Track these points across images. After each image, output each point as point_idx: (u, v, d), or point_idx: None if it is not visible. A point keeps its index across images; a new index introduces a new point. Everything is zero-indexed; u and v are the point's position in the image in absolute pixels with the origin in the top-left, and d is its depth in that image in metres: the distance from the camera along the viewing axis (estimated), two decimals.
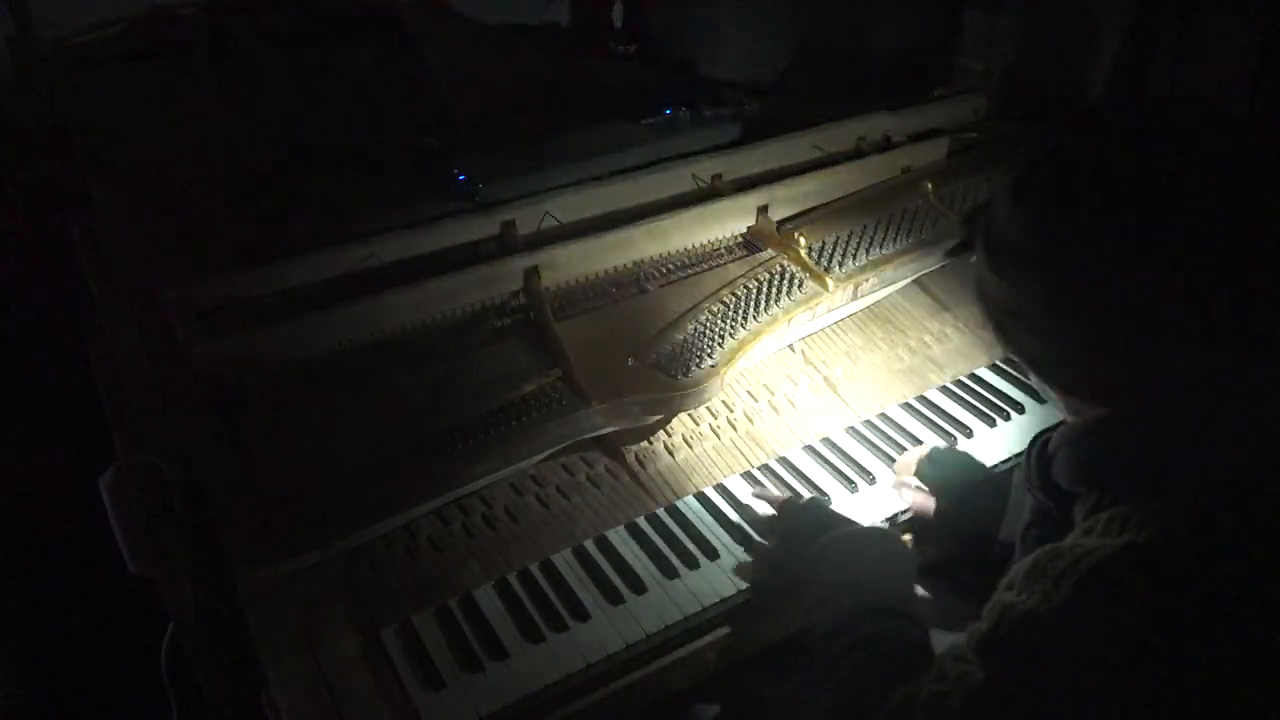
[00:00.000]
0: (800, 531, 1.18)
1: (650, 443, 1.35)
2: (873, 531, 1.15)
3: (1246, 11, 1.74)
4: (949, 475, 1.28)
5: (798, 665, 1.20)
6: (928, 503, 1.28)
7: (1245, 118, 0.86)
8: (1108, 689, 0.77)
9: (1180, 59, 1.86)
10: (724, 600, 1.17)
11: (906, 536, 1.29)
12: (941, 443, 1.39)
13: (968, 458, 1.33)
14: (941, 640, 1.03)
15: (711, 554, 1.22)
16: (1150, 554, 0.77)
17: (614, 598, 1.16)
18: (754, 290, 1.40)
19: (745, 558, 1.21)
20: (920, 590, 1.17)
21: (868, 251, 1.48)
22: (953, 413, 1.45)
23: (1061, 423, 0.96)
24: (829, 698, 1.00)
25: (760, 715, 1.20)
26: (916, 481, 1.30)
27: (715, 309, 1.37)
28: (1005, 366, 1.54)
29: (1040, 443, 0.97)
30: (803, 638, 1.10)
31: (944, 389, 1.49)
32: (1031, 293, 0.87)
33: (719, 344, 1.31)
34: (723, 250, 1.50)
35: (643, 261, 1.45)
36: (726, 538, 1.24)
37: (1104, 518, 0.82)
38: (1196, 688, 0.75)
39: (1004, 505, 1.21)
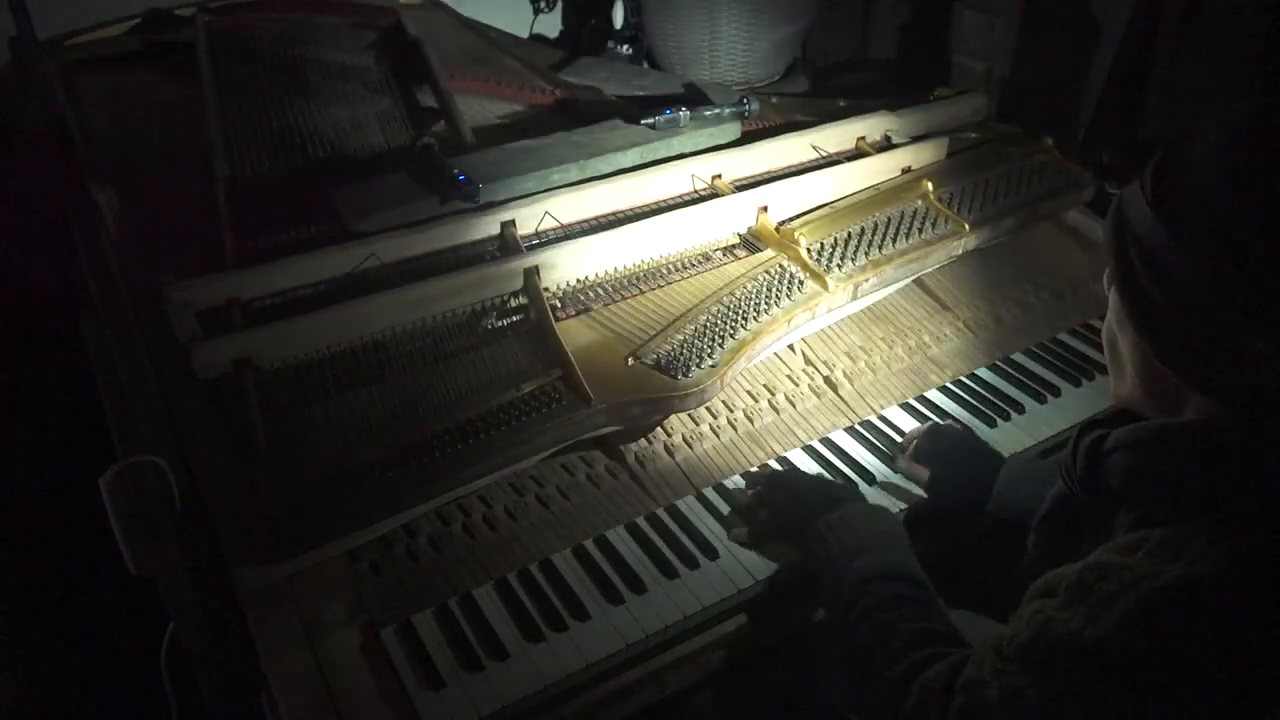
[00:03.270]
0: (794, 497, 1.21)
1: (650, 443, 1.35)
2: (868, 507, 1.17)
3: (1246, 12, 1.74)
4: (943, 451, 1.30)
5: (809, 652, 1.21)
6: (919, 471, 1.30)
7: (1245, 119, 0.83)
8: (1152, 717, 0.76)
9: (1180, 59, 1.86)
10: (724, 600, 1.17)
11: None
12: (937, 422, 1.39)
13: (965, 438, 1.34)
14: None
15: (711, 554, 1.22)
16: (1207, 586, 0.75)
17: (614, 598, 1.16)
18: (754, 290, 1.40)
19: (745, 558, 1.22)
20: None
21: (868, 252, 1.48)
22: (953, 413, 1.45)
23: (1114, 415, 0.93)
24: (852, 668, 1.00)
25: (771, 703, 1.20)
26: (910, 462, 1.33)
27: (715, 309, 1.37)
28: (1005, 366, 1.54)
29: (1094, 436, 0.91)
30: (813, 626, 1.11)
31: (944, 389, 1.50)
32: (1197, 241, 0.79)
33: (719, 344, 1.31)
34: (723, 250, 1.50)
35: (643, 261, 1.45)
36: (726, 538, 1.24)
37: (1156, 537, 0.80)
38: None
39: (990, 485, 1.23)
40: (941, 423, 1.38)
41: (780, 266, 1.44)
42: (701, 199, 1.50)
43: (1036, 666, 0.81)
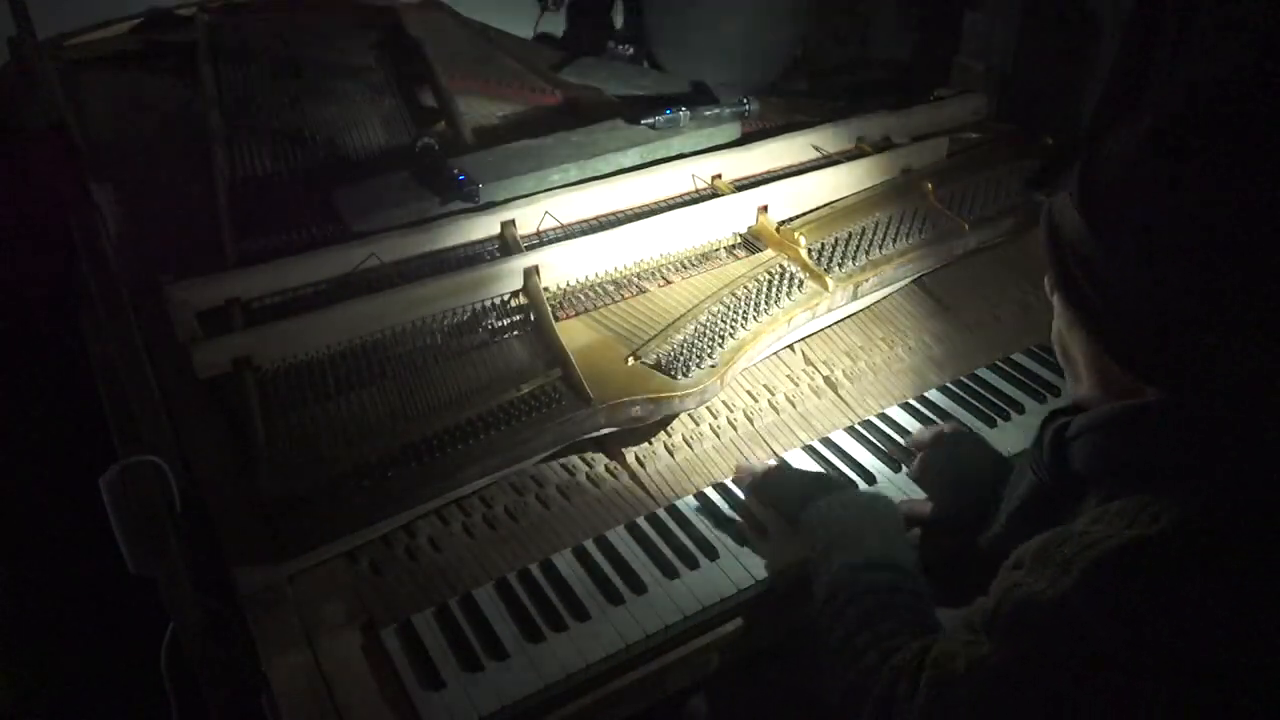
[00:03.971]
0: (786, 487, 1.21)
1: (650, 443, 1.35)
2: (866, 494, 1.18)
3: (1246, 11, 1.74)
4: (953, 469, 1.28)
5: (809, 652, 1.21)
6: (922, 508, 1.28)
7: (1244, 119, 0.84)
8: (1108, 677, 0.77)
9: (1180, 59, 1.86)
10: (724, 600, 1.17)
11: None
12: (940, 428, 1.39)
13: (973, 446, 1.32)
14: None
15: (711, 554, 1.22)
16: (1159, 547, 0.77)
17: (614, 598, 1.16)
18: (754, 290, 1.40)
19: (745, 557, 1.21)
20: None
21: (868, 252, 1.48)
22: (953, 413, 1.45)
23: (1077, 405, 0.95)
24: (834, 653, 1.00)
25: (771, 703, 1.20)
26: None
27: (715, 309, 1.37)
28: (1005, 366, 1.54)
29: (1057, 425, 0.95)
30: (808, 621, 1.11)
31: (944, 389, 1.49)
32: (1125, 243, 0.81)
33: (719, 344, 1.31)
34: (723, 250, 1.50)
35: (643, 261, 1.45)
36: (726, 538, 1.24)
37: (1115, 507, 0.82)
38: (1195, 684, 0.75)
39: (998, 495, 1.21)
40: (948, 428, 1.35)
41: (780, 266, 1.44)
42: (701, 199, 1.50)
43: (1000, 632, 0.83)
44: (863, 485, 1.32)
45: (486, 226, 1.41)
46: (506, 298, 1.35)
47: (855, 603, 1.01)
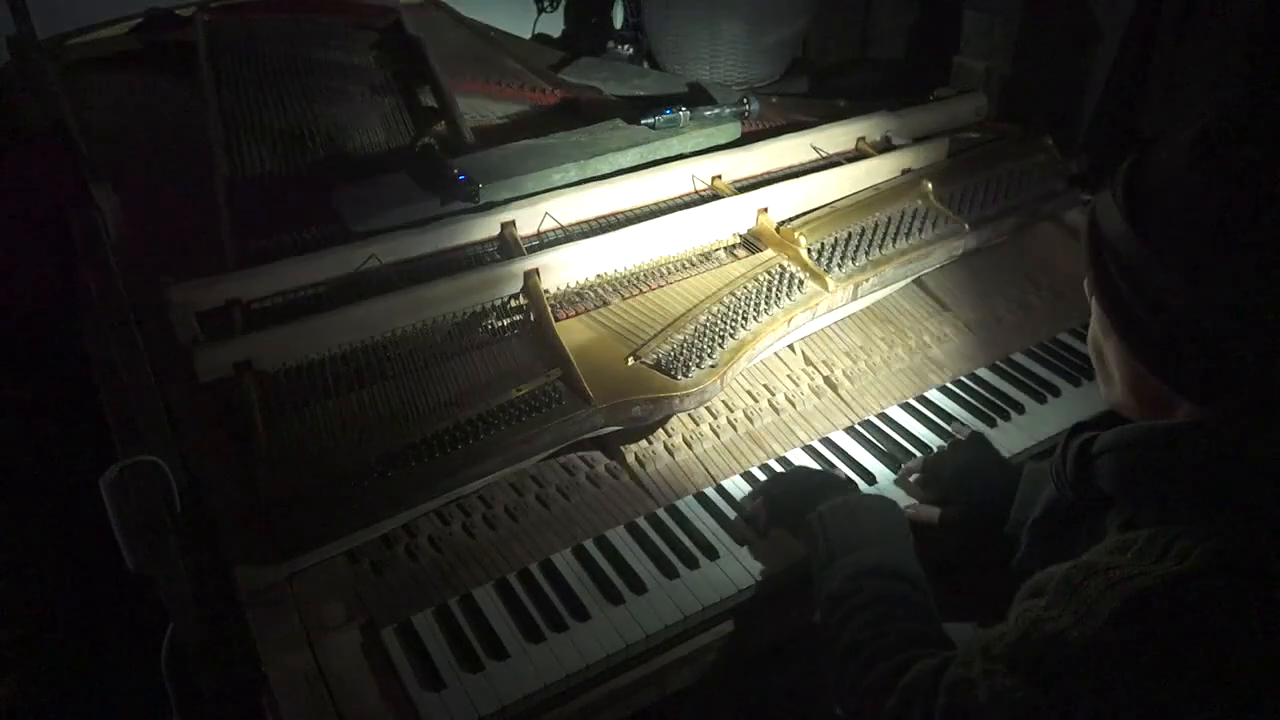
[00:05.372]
0: (793, 487, 1.20)
1: (650, 443, 1.35)
2: (873, 498, 1.15)
3: (1245, 12, 1.75)
4: (963, 470, 1.28)
5: (809, 652, 1.21)
6: (928, 514, 1.27)
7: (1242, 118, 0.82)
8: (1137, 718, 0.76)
9: (1179, 59, 1.86)
10: (723, 600, 1.17)
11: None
12: (943, 444, 1.39)
13: (983, 451, 1.31)
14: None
15: (711, 554, 1.22)
16: (1190, 586, 0.75)
17: (614, 598, 1.16)
18: (754, 290, 1.40)
19: (745, 558, 1.21)
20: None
21: (868, 252, 1.48)
22: (953, 413, 1.45)
23: (1105, 418, 0.93)
24: (840, 660, 0.99)
25: (771, 703, 1.20)
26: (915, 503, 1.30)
27: (715, 309, 1.37)
28: (1005, 366, 1.54)
29: (1083, 439, 0.92)
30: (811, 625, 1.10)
31: (944, 389, 1.49)
32: (1170, 250, 0.78)
33: (719, 344, 1.31)
34: (723, 250, 1.50)
35: (643, 262, 1.45)
36: (726, 538, 1.24)
37: (1143, 537, 0.80)
38: None
39: (1009, 502, 1.20)
40: (961, 436, 1.34)
41: (780, 266, 1.44)
42: (701, 200, 1.50)
43: (1025, 666, 0.81)
44: (863, 485, 1.32)
45: (487, 227, 1.41)
46: (506, 299, 1.35)
47: (860, 612, 0.99)
